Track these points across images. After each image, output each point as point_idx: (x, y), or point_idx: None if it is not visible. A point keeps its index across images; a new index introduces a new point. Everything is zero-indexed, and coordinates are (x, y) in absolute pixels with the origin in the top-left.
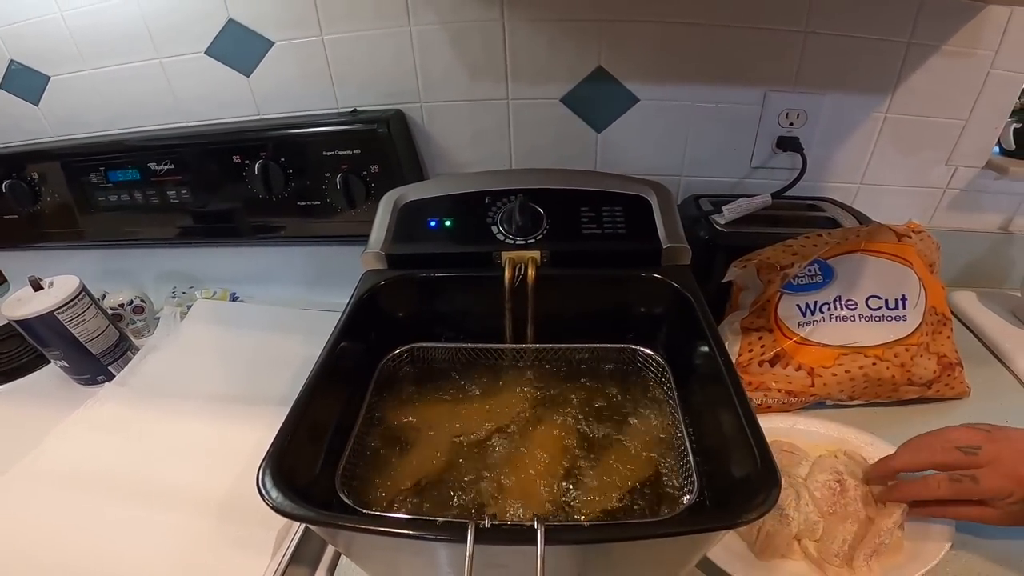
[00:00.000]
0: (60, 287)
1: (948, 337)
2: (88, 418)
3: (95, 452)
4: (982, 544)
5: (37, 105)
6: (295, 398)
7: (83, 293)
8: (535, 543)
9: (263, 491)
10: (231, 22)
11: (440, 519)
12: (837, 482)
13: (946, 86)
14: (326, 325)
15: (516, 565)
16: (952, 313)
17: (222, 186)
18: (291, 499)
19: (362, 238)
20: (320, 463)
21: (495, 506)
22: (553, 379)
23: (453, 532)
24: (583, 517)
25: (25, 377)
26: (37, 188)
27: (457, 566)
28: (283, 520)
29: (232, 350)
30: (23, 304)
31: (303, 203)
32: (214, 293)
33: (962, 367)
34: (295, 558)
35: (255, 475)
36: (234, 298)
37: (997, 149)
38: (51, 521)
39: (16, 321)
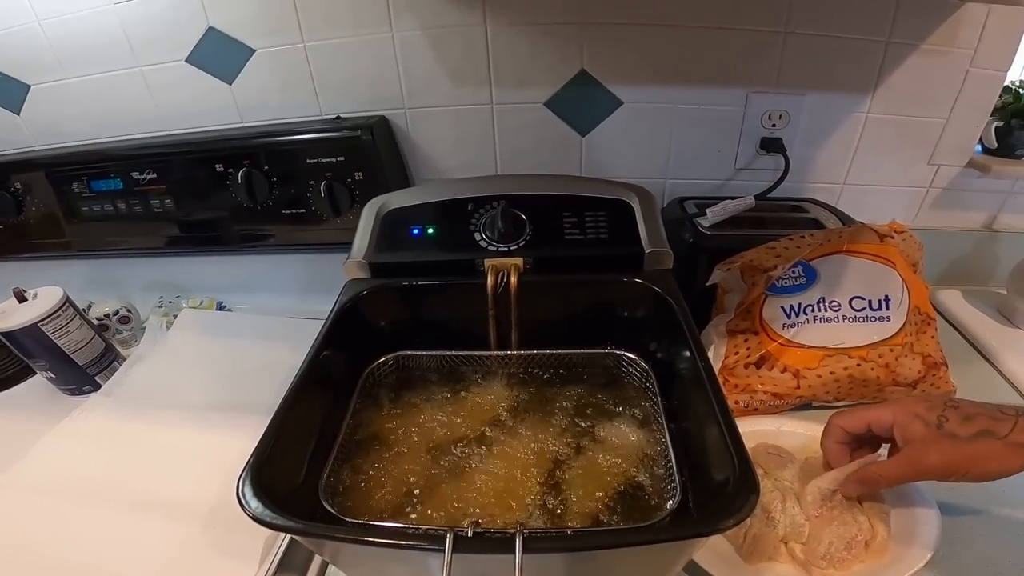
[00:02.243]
0: (44, 298)
1: (932, 337)
2: (74, 428)
3: (81, 462)
4: (967, 550)
5: (19, 114)
6: (276, 408)
7: (67, 304)
8: (513, 551)
9: (243, 501)
10: (211, 30)
11: (423, 527)
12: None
13: (926, 85)
14: (313, 334)
15: (496, 573)
16: (938, 312)
17: (206, 195)
18: (271, 509)
19: (348, 245)
20: (303, 472)
21: (479, 513)
22: (538, 385)
23: (432, 541)
24: (569, 522)
25: (12, 388)
26: (21, 199)
27: (438, 573)
28: None
29: (218, 359)
30: (7, 316)
31: (288, 211)
32: (201, 302)
33: (947, 367)
34: (282, 566)
35: None
36: (221, 307)
37: (979, 147)
38: (38, 531)
39: (1, 333)
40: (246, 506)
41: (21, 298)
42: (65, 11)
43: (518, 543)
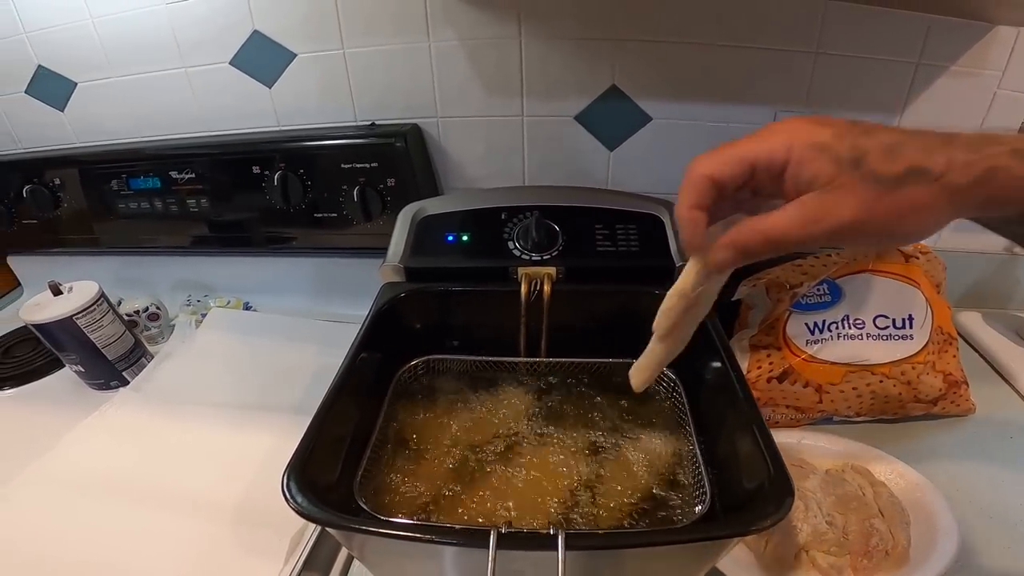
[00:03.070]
0: (79, 292)
1: (954, 356)
2: (102, 423)
3: (109, 457)
4: (986, 561)
5: (63, 111)
6: (318, 406)
7: (102, 299)
8: (556, 549)
9: (288, 495)
10: (256, 33)
11: (461, 526)
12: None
13: (953, 106)
14: (339, 336)
15: (530, 571)
16: (958, 333)
17: (241, 196)
18: (315, 504)
19: (375, 250)
20: (339, 471)
21: (508, 515)
22: (566, 392)
23: (475, 538)
24: (597, 526)
25: (39, 381)
26: (58, 194)
27: (472, 572)
28: (296, 527)
29: (246, 359)
30: (42, 309)
31: (320, 215)
32: (228, 302)
33: (968, 385)
34: (307, 565)
35: (269, 482)
36: (247, 307)
37: None
38: (63, 525)
39: (35, 325)
40: (291, 500)
41: (56, 291)
42: (119, 9)
43: (560, 540)
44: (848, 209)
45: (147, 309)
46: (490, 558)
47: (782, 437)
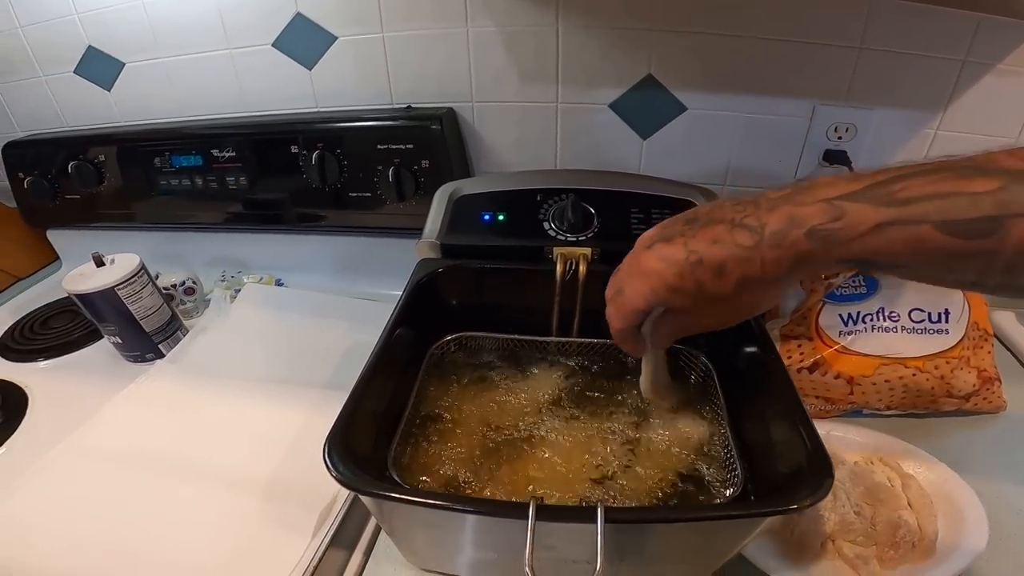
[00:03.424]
0: (121, 264)
1: (989, 352)
2: (139, 394)
3: (144, 428)
4: (1012, 557)
5: (109, 91)
6: (356, 379)
7: (142, 271)
8: (595, 521)
9: (330, 465)
10: (298, 15)
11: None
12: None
13: (998, 105)
14: (369, 313)
15: (563, 546)
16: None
17: (279, 175)
18: (357, 474)
19: (407, 231)
20: (372, 445)
21: (538, 492)
22: (597, 373)
23: (514, 510)
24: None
25: (76, 352)
26: (101, 170)
27: (506, 545)
28: (324, 502)
29: (279, 334)
30: (85, 279)
31: (354, 194)
32: (260, 279)
33: (1000, 382)
34: (334, 540)
35: (299, 458)
36: (279, 284)
37: None
38: (97, 495)
39: (77, 295)
40: (332, 469)
41: (100, 263)
42: None
43: (600, 513)
44: (710, 320)
45: (183, 283)
46: (529, 529)
47: None
